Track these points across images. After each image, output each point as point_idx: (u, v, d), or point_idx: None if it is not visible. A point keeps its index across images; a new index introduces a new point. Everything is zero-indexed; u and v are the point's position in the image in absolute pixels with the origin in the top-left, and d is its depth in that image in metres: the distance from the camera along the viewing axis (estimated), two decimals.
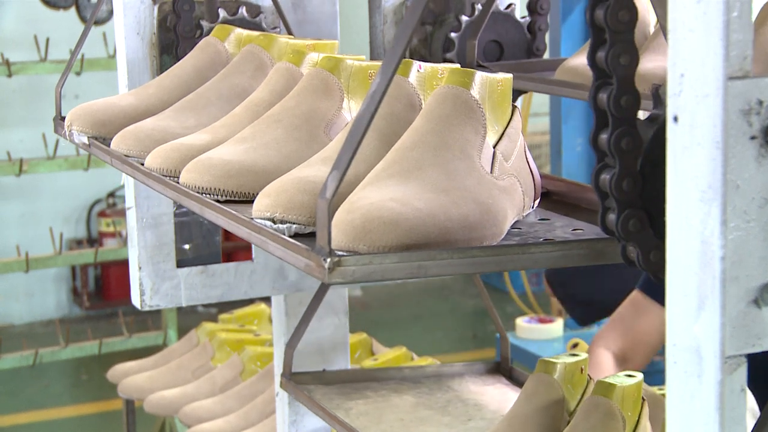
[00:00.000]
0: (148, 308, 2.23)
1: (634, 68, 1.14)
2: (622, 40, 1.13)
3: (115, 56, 2.31)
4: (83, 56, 5.06)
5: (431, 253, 1.18)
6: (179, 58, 2.03)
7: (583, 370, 1.79)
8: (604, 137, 1.15)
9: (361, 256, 1.16)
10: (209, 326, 3.64)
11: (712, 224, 0.99)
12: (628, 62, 1.13)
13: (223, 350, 3.45)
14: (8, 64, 5.12)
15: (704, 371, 1.00)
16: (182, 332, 4.31)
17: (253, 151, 1.49)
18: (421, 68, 1.50)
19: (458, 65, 1.48)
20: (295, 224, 1.29)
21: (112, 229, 7.18)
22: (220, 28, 1.93)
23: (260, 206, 1.32)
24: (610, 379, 1.72)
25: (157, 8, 2.19)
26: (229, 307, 3.78)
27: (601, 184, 1.16)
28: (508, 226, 1.35)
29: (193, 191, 1.47)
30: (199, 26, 2.15)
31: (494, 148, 1.40)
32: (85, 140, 1.85)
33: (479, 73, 1.40)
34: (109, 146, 1.76)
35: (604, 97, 1.14)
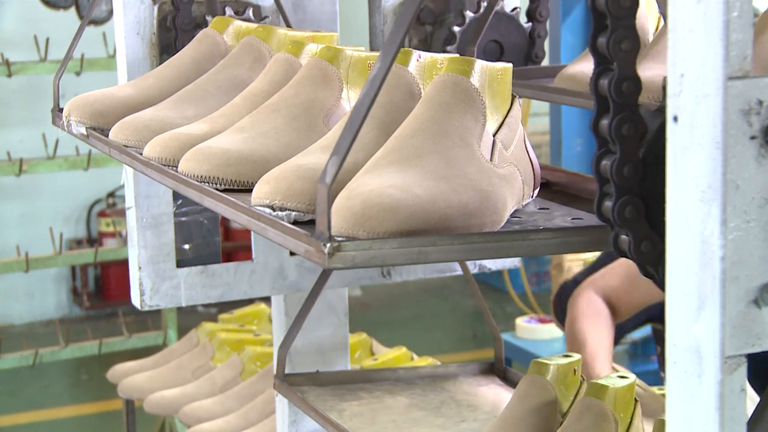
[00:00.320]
0: (148, 308, 2.23)
1: (635, 54, 1.13)
2: (623, 25, 1.13)
3: (115, 56, 2.31)
4: (83, 56, 5.06)
5: (431, 238, 1.18)
6: (178, 50, 2.03)
7: (576, 371, 1.78)
8: (605, 123, 1.15)
9: (361, 241, 1.16)
10: (209, 326, 3.63)
11: (712, 224, 0.99)
12: (629, 48, 1.13)
13: (223, 350, 3.45)
14: (8, 64, 5.12)
15: (704, 371, 1.00)
16: (182, 332, 4.31)
17: (251, 140, 1.48)
18: (420, 57, 1.50)
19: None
20: (294, 211, 1.29)
21: (112, 229, 7.18)
22: (218, 20, 1.92)
23: (259, 193, 1.32)
24: (602, 380, 1.72)
25: (157, 8, 2.19)
26: (229, 307, 3.77)
27: (601, 170, 1.16)
28: (507, 214, 1.35)
29: (191, 180, 1.47)
30: (205, 22, 2.15)
31: (494, 136, 1.39)
32: (83, 131, 1.85)
33: (479, 61, 1.40)
34: (107, 137, 1.76)
35: (605, 83, 1.14)
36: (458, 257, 1.21)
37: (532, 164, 1.47)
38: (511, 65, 1.45)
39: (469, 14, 2.10)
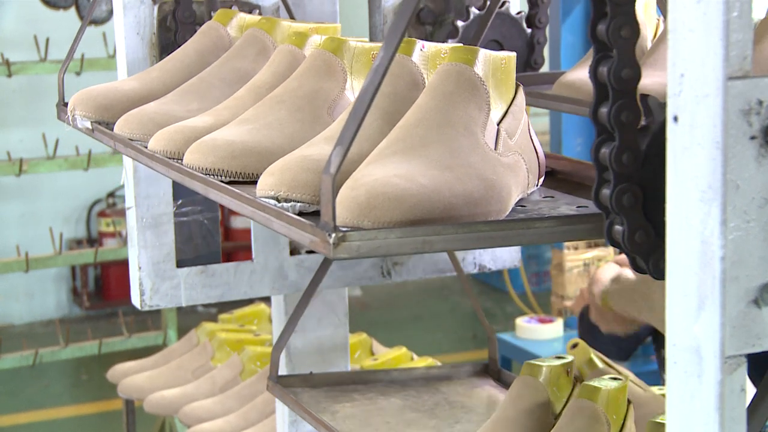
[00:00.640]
0: (148, 308, 2.23)
1: (634, 41, 1.13)
2: (623, 12, 1.13)
3: (115, 56, 2.31)
4: (83, 56, 5.06)
5: (436, 228, 1.18)
6: (179, 44, 2.03)
7: (569, 372, 1.78)
8: (604, 111, 1.15)
9: (366, 231, 1.16)
10: (209, 326, 3.63)
11: (712, 224, 0.99)
12: (629, 35, 1.13)
13: (222, 350, 3.45)
14: (8, 64, 5.12)
15: (704, 371, 1.00)
16: (182, 332, 4.31)
17: (256, 131, 1.48)
18: (424, 47, 1.50)
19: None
20: (299, 202, 1.29)
21: (112, 229, 7.18)
22: (222, 12, 1.92)
23: (264, 185, 1.31)
24: (594, 382, 1.71)
25: (157, 8, 2.19)
26: (228, 307, 3.77)
27: (600, 157, 1.16)
28: (512, 203, 1.34)
29: (196, 172, 1.47)
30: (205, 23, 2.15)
31: (498, 125, 1.39)
32: (88, 125, 1.84)
33: (482, 50, 1.40)
34: (112, 131, 1.76)
35: (604, 70, 1.14)
36: (463, 246, 1.20)
37: (536, 153, 1.47)
38: (514, 54, 1.45)
39: (474, 11, 2.11)
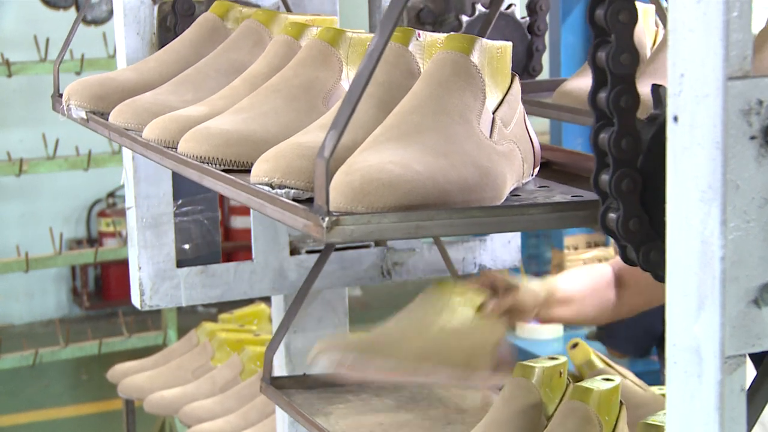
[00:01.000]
0: (147, 308, 2.23)
1: (633, 26, 1.13)
2: None
3: (115, 56, 2.31)
4: (83, 56, 5.06)
5: (430, 213, 1.18)
6: (178, 36, 2.02)
7: (561, 373, 1.78)
8: (602, 96, 1.15)
9: (359, 215, 1.16)
10: (209, 326, 3.63)
11: (712, 224, 0.99)
12: (627, 19, 1.13)
13: (222, 350, 3.45)
14: (8, 64, 5.12)
15: (704, 371, 1.00)
16: (182, 332, 4.30)
17: (251, 120, 1.48)
18: (420, 36, 1.50)
19: None
20: (293, 189, 1.29)
21: (112, 229, 7.18)
22: (218, 4, 1.92)
23: (259, 171, 1.31)
24: (586, 383, 1.71)
25: (157, 8, 2.19)
26: (228, 307, 3.77)
27: (600, 143, 1.16)
28: (507, 191, 1.34)
29: (191, 160, 1.46)
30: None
31: (493, 113, 1.39)
32: (83, 115, 1.84)
33: (479, 39, 1.39)
34: (107, 121, 1.75)
35: (602, 55, 1.14)
36: (457, 231, 1.20)
37: (532, 142, 1.47)
38: (510, 44, 1.45)
39: (480, 8, 2.11)
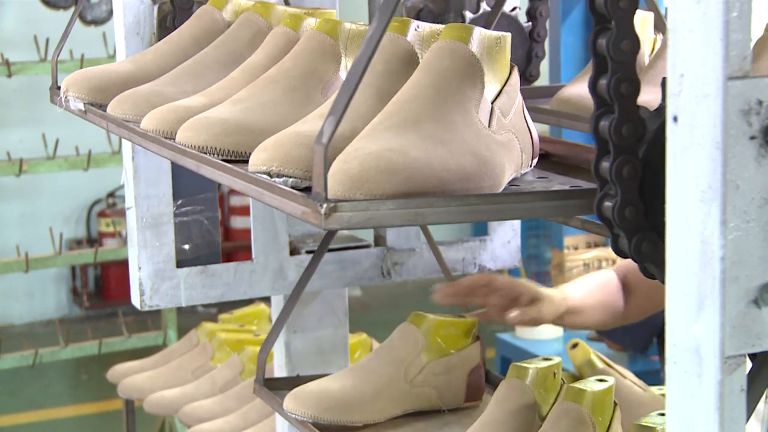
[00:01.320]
0: (147, 308, 2.23)
1: (633, 12, 1.14)
2: None
3: (115, 56, 2.31)
4: (83, 56, 5.06)
5: (428, 200, 1.17)
6: (176, 28, 2.02)
7: (555, 374, 1.78)
8: (603, 83, 1.15)
9: (358, 202, 1.15)
10: (209, 326, 3.63)
11: (712, 224, 0.99)
12: (627, 5, 1.13)
13: (222, 350, 3.45)
14: (8, 64, 5.12)
15: (704, 371, 1.00)
16: (182, 332, 4.30)
17: (249, 110, 1.48)
18: (419, 27, 1.50)
19: None
20: (291, 177, 1.28)
21: (111, 229, 7.18)
22: None
23: (257, 160, 1.31)
24: (580, 384, 1.71)
25: (157, 8, 2.19)
26: (228, 307, 3.77)
27: (600, 130, 1.16)
28: (506, 180, 1.34)
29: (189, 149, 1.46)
30: None
31: (492, 103, 1.39)
32: (81, 106, 1.84)
33: (477, 28, 1.39)
34: (105, 112, 1.75)
35: (603, 42, 1.14)
36: (455, 219, 1.20)
37: (530, 133, 1.47)
38: (509, 35, 1.45)
39: (485, 7, 2.11)
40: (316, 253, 2.12)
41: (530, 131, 1.47)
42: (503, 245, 2.43)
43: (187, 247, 2.30)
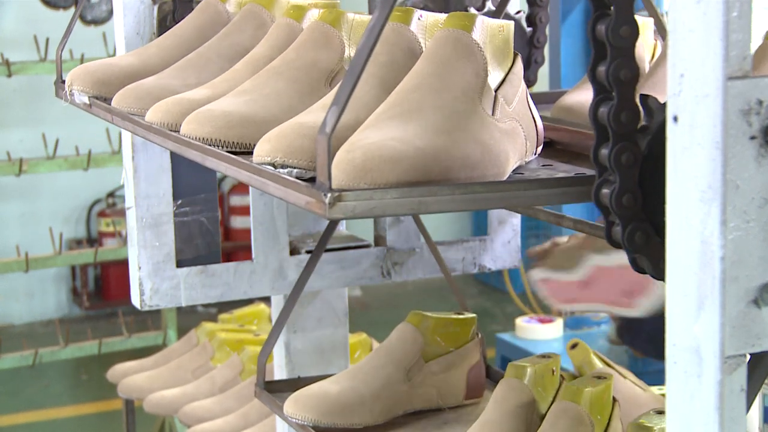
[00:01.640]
0: (147, 308, 2.23)
1: None
2: None
3: (115, 56, 2.31)
4: (83, 56, 5.06)
5: (432, 189, 1.18)
6: (177, 23, 2.02)
7: (554, 371, 1.78)
8: (602, 69, 1.15)
9: (362, 191, 1.16)
10: (209, 326, 3.63)
11: (712, 224, 0.99)
12: None
13: (222, 350, 3.45)
14: (8, 64, 5.12)
15: (704, 371, 1.00)
16: (182, 332, 4.31)
17: (253, 102, 1.48)
18: (422, 17, 1.50)
19: None
20: (295, 168, 1.29)
21: (111, 229, 7.17)
22: None
23: (261, 151, 1.31)
24: (577, 383, 1.72)
25: (157, 8, 2.19)
26: (228, 307, 3.77)
27: (599, 116, 1.16)
28: (510, 168, 1.34)
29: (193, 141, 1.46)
30: None
31: (496, 91, 1.39)
32: (86, 100, 1.84)
33: (480, 16, 1.39)
34: (110, 105, 1.76)
35: (602, 27, 1.14)
36: (459, 207, 1.20)
37: (534, 121, 1.47)
38: (512, 23, 1.45)
39: (490, 6, 2.11)
40: (314, 250, 2.12)
41: (534, 119, 1.46)
42: (503, 245, 2.43)
43: (187, 247, 2.30)
